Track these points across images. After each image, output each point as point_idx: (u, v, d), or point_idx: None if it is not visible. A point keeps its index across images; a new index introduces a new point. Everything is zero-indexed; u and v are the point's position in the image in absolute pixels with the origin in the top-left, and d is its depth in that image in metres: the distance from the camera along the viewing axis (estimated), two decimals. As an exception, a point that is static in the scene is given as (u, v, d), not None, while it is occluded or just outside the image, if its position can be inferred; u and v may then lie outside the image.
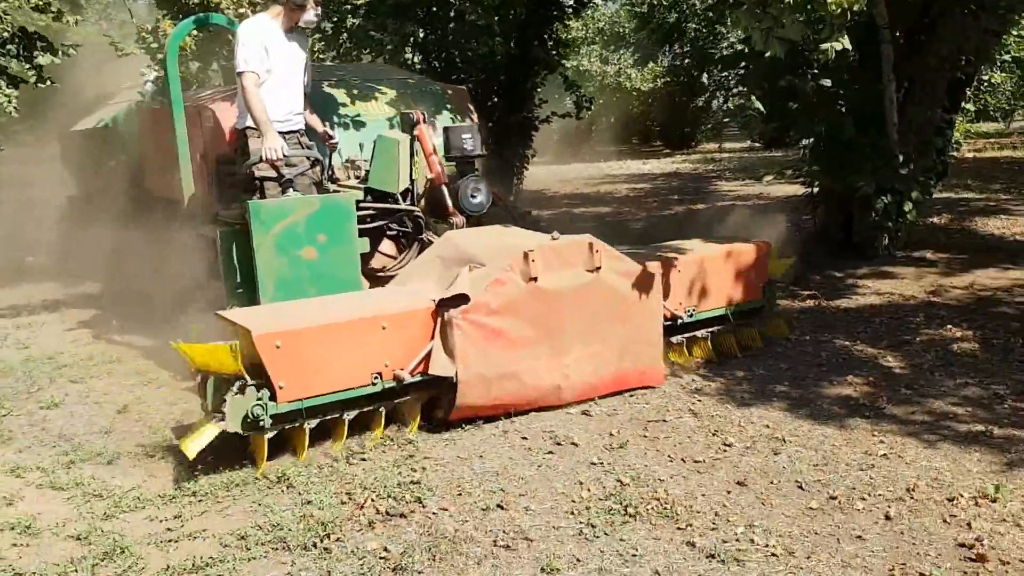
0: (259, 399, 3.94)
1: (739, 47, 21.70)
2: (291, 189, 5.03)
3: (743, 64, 9.04)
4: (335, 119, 6.03)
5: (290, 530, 3.47)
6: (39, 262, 9.91)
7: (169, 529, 3.58)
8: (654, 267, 5.04)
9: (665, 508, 3.55)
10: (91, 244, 8.31)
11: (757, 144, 23.61)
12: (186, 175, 5.85)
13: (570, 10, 13.29)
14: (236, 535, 3.47)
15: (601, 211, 12.92)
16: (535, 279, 4.54)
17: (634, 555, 3.22)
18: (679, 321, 5.21)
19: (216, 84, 7.83)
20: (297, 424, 4.12)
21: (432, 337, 4.38)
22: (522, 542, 3.34)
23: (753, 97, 8.04)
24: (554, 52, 13.06)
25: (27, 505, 3.86)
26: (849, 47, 4.69)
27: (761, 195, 13.53)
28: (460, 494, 3.74)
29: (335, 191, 5.30)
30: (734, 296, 5.55)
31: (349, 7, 10.58)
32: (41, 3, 7.23)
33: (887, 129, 7.68)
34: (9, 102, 7.27)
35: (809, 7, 4.42)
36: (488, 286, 4.41)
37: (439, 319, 4.37)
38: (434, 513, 3.58)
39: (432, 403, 4.54)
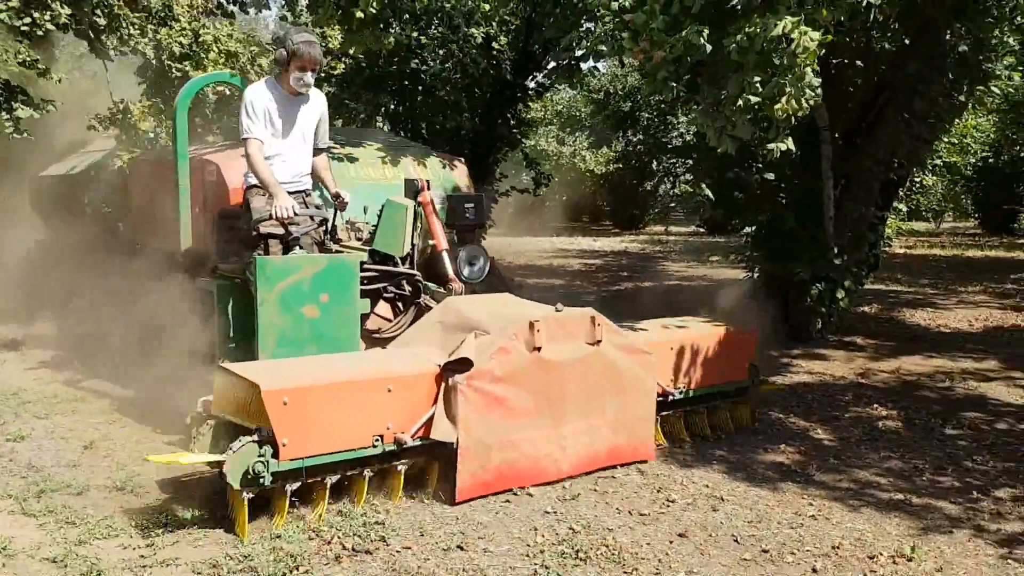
0: (261, 455, 3.86)
1: (688, 138, 22.75)
2: (296, 247, 5.04)
3: (693, 155, 9.64)
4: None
5: (261, 561, 3.65)
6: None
7: (143, 556, 3.72)
8: (652, 344, 5.13)
9: (613, 554, 3.82)
10: (56, 287, 8.39)
11: (701, 229, 24.52)
12: (185, 227, 5.93)
13: (533, 93, 13.95)
14: (208, 563, 3.63)
15: (554, 283, 13.34)
16: (539, 349, 4.56)
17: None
18: (670, 398, 5.27)
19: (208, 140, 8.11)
20: (316, 480, 4.06)
21: (435, 402, 4.35)
22: (481, 581, 3.58)
23: (704, 185, 8.57)
24: (516, 130, 13.68)
25: (0, 529, 3.98)
26: (792, 147, 5.20)
27: (705, 277, 14.12)
28: (422, 535, 3.97)
29: (338, 251, 5.35)
30: (723, 375, 5.62)
31: (324, 75, 11.00)
32: (28, 60, 7.47)
33: (824, 222, 8.25)
34: None
35: (758, 111, 4.92)
36: (493, 354, 4.39)
37: (443, 384, 4.35)
38: (398, 551, 3.80)
39: (421, 475, 4.46)
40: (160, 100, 7.66)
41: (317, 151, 5.48)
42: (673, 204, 27.13)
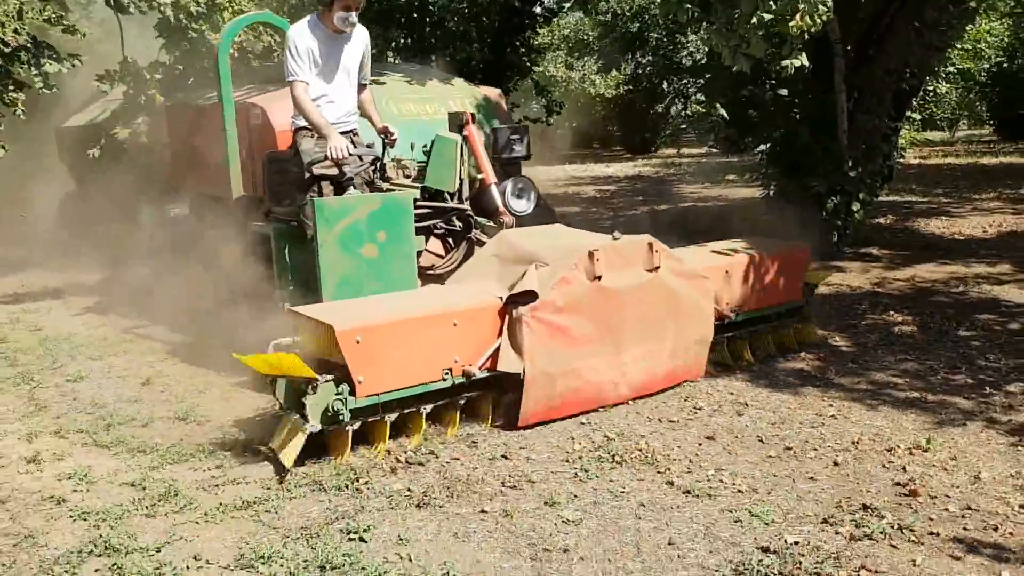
0: (339, 394, 3.97)
1: (699, 57, 22.47)
2: (351, 187, 5.04)
3: (706, 75, 9.68)
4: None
5: (325, 475, 3.95)
6: (36, 256, 10.13)
7: (214, 476, 4.04)
8: (708, 268, 5.19)
9: (646, 457, 4.10)
10: (91, 238, 8.62)
11: (714, 149, 24.42)
12: (235, 172, 5.97)
13: (541, 19, 13.87)
14: (276, 480, 3.94)
15: (571, 211, 13.47)
16: (599, 278, 4.59)
17: (622, 492, 3.76)
18: (726, 321, 5.28)
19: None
20: (377, 418, 4.15)
21: (499, 334, 4.42)
22: (526, 483, 3.86)
23: (718, 105, 8.65)
24: (525, 58, 13.65)
25: (77, 460, 4.29)
26: (806, 63, 5.30)
27: (720, 197, 14.22)
28: (469, 446, 4.26)
29: (388, 189, 5.29)
30: (779, 295, 5.66)
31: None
32: (53, 16, 7.56)
33: (838, 135, 8.34)
34: (17, 105, 7.60)
35: (773, 28, 5.02)
36: (555, 284, 4.43)
37: (507, 316, 4.41)
38: (447, 462, 4.09)
39: (477, 408, 4.56)
40: (176, 56, 7.75)
41: (361, 87, 5.42)
42: (684, 126, 26.95)
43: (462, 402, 4.44)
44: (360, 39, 5.29)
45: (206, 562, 3.30)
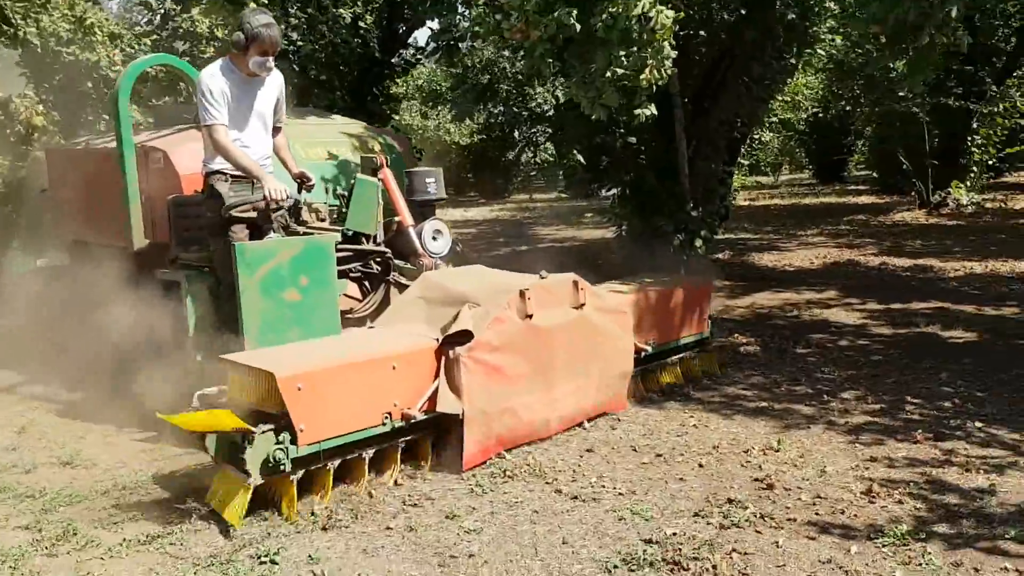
0: (279, 443, 3.81)
1: (545, 108, 23.41)
2: (271, 232, 4.86)
3: (562, 124, 10.30)
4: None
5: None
6: None
7: (111, 515, 4.00)
8: (626, 303, 5.30)
9: (534, 470, 4.40)
10: None
11: (564, 194, 25.45)
12: (136, 219, 5.67)
13: (399, 69, 14.27)
14: (178, 513, 3.97)
15: (433, 253, 13.78)
16: (531, 316, 4.64)
17: (516, 502, 4.04)
18: (642, 354, 5.38)
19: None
20: (319, 466, 4.01)
21: (436, 376, 4.37)
22: (426, 501, 4.07)
23: (575, 151, 9.23)
24: (385, 107, 13.98)
25: (-40, 510, 4.14)
26: (655, 112, 5.87)
27: (575, 237, 14.90)
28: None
29: (305, 233, 5.05)
30: (688, 328, 5.85)
31: (191, 60, 10.97)
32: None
33: (680, 179, 9.09)
34: None
35: (625, 81, 5.55)
36: (489, 324, 4.44)
37: (443, 358, 4.37)
38: (345, 488, 4.23)
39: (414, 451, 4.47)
40: (45, 89, 7.57)
41: (275, 130, 5.23)
42: (535, 172, 27.93)
43: (402, 445, 4.35)
44: (275, 82, 5.13)
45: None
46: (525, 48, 5.84)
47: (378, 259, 5.37)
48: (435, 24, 9.17)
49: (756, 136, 21.80)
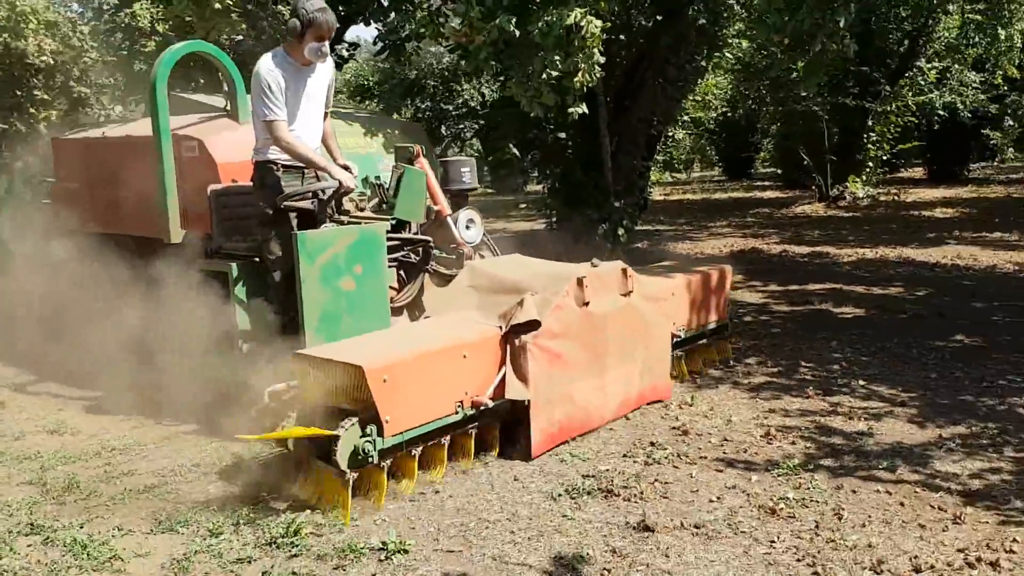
0: (366, 436, 3.78)
1: (473, 104, 23.93)
2: (325, 221, 4.82)
3: (492, 121, 10.89)
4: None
5: (211, 460, 4.45)
6: None
7: (107, 471, 4.43)
8: (665, 290, 5.37)
9: (485, 425, 4.94)
10: None
11: (490, 189, 26.03)
12: (173, 212, 5.35)
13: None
14: (174, 469, 4.39)
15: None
16: (587, 304, 4.67)
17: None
18: (674, 340, 5.42)
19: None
20: (402, 454, 4.01)
21: (502, 364, 4.37)
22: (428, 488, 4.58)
23: (511, 145, 9.82)
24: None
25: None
26: (586, 111, 6.49)
27: (505, 229, 15.49)
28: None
29: (351, 222, 4.95)
30: (713, 315, 5.96)
31: (139, 54, 11.11)
32: None
33: (604, 172, 9.77)
34: None
35: (559, 82, 6.15)
36: (551, 311, 4.45)
37: (508, 345, 4.37)
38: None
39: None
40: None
41: (323, 116, 5.09)
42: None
43: (472, 433, 4.35)
44: (327, 69, 5.00)
45: (129, 531, 3.75)
46: (469, 50, 6.37)
47: (419, 248, 5.18)
48: (370, 25, 9.57)
49: (670, 134, 22.74)
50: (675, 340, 5.48)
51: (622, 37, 9.72)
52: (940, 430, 4.81)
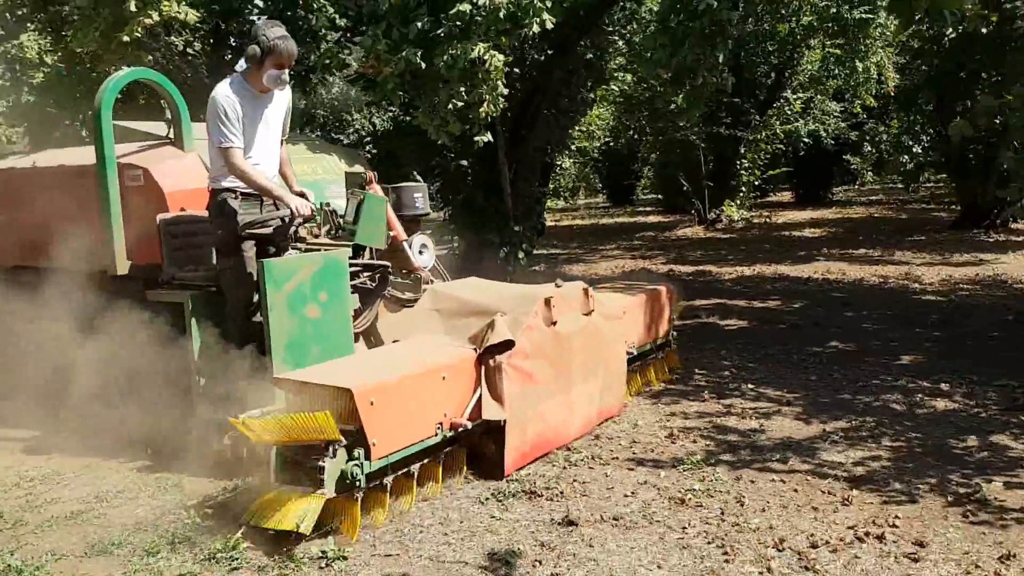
0: (355, 458, 3.70)
1: (363, 135, 24.01)
2: (287, 248, 4.71)
3: (388, 149, 11.07)
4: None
5: (139, 486, 4.44)
6: None
7: (28, 501, 4.34)
8: (619, 308, 5.43)
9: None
10: None
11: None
12: (119, 241, 5.12)
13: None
14: (98, 496, 4.35)
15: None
16: (555, 323, 4.73)
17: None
18: (627, 356, 5.51)
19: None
20: (375, 483, 3.89)
21: (477, 385, 4.38)
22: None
23: (414, 172, 9.98)
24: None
25: None
26: (491, 139, 6.78)
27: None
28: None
29: (307, 249, 4.80)
30: (658, 332, 6.06)
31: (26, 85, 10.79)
32: None
33: (504, 198, 10.09)
34: None
35: (464, 112, 6.42)
36: (522, 332, 4.48)
37: (483, 366, 4.38)
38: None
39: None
40: None
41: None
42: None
43: (442, 457, 4.32)
44: (284, 97, 4.92)
45: (62, 555, 3.73)
46: (376, 81, 6.55)
47: (376, 274, 5.06)
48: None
49: (558, 162, 23.43)
50: (628, 357, 5.57)
51: (517, 70, 10.10)
52: (824, 425, 5.27)
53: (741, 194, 18.30)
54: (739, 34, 10.34)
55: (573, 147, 23.72)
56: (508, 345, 4.42)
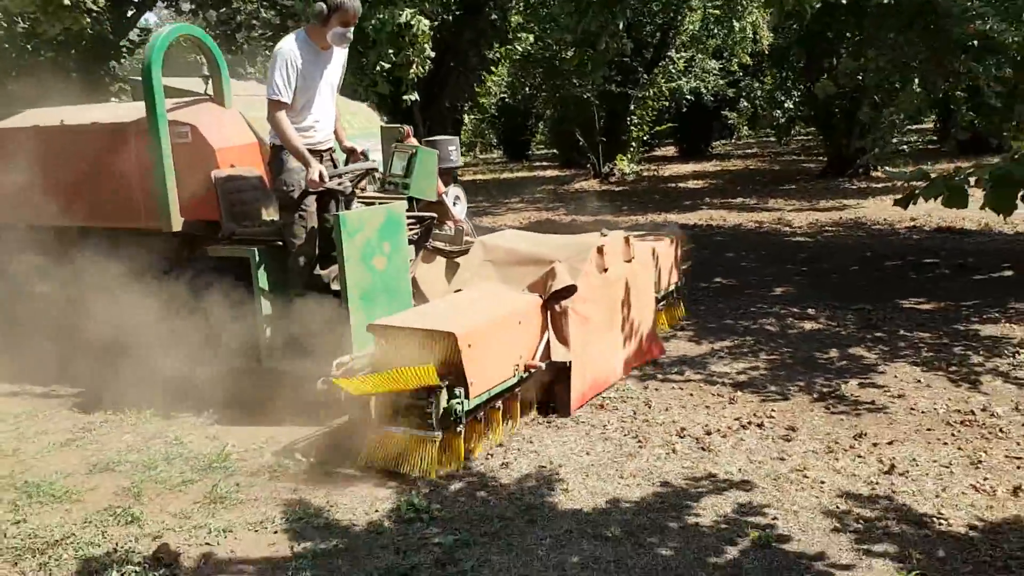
0: (455, 397, 3.89)
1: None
2: (354, 202, 4.76)
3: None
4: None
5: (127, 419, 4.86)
6: None
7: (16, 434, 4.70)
8: (650, 254, 5.63)
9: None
10: None
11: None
12: (172, 199, 4.98)
13: (126, 49, 14.19)
14: (83, 427, 4.74)
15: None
16: (607, 270, 4.94)
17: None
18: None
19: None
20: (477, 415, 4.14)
21: (544, 329, 4.57)
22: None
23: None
24: (111, 87, 13.90)
25: None
26: (418, 98, 7.26)
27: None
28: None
29: (368, 201, 4.86)
30: (675, 277, 6.24)
31: None
32: None
33: (418, 153, 10.55)
34: None
35: (394, 73, 6.88)
36: (580, 278, 4.67)
37: (549, 311, 4.58)
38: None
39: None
40: None
41: None
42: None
43: (519, 394, 4.50)
44: (343, 54, 4.95)
45: (68, 474, 4.17)
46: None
47: (424, 224, 5.12)
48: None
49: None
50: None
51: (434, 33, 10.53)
52: (712, 345, 6.11)
53: (632, 149, 19.16)
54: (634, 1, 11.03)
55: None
56: (569, 291, 4.62)
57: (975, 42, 7.40)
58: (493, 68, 13.17)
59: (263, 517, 3.69)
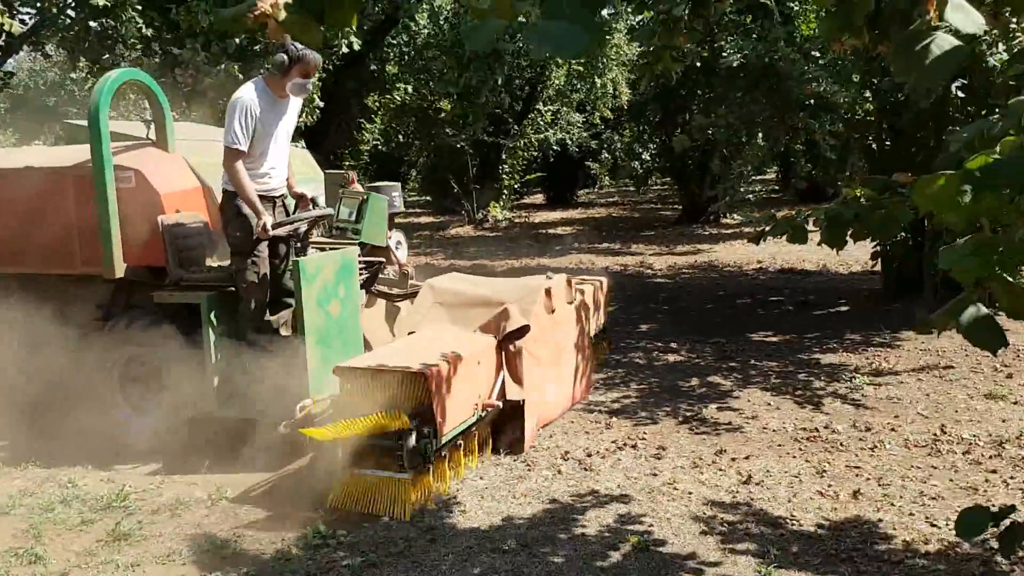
0: (425, 437, 3.92)
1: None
2: (309, 249, 4.79)
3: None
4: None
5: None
6: None
7: None
8: (588, 296, 5.70)
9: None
10: None
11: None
12: (116, 244, 4.85)
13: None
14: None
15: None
16: (554, 311, 5.09)
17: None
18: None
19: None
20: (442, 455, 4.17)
21: (499, 369, 4.70)
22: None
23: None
24: None
25: None
26: (304, 146, 7.42)
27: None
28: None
29: (321, 248, 4.90)
30: (602, 318, 6.23)
31: None
32: None
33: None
34: None
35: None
36: (531, 318, 4.80)
37: (503, 352, 4.69)
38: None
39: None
40: None
41: None
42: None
43: (475, 433, 4.57)
44: (297, 104, 4.97)
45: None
46: (195, 91, 6.98)
47: (371, 270, 5.17)
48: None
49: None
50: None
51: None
52: (589, 377, 6.53)
53: (504, 196, 19.75)
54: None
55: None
56: (523, 331, 4.72)
57: (812, 101, 8.29)
58: (373, 116, 13.40)
59: (170, 551, 3.75)
